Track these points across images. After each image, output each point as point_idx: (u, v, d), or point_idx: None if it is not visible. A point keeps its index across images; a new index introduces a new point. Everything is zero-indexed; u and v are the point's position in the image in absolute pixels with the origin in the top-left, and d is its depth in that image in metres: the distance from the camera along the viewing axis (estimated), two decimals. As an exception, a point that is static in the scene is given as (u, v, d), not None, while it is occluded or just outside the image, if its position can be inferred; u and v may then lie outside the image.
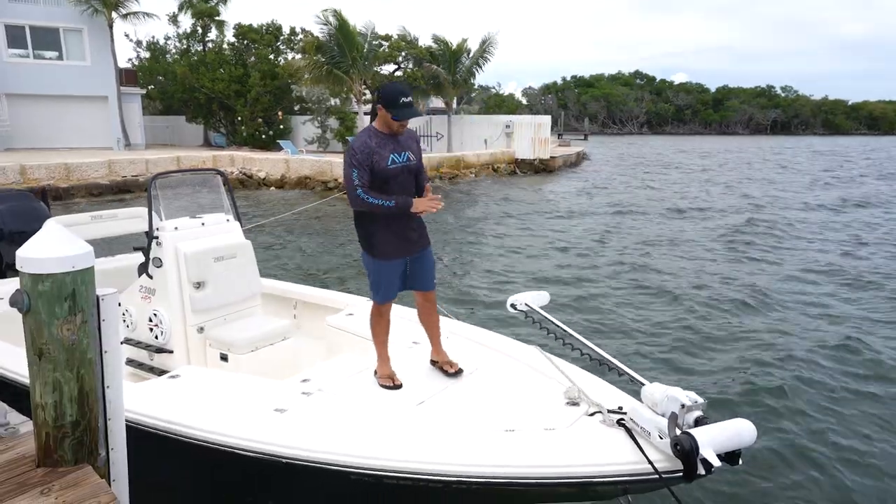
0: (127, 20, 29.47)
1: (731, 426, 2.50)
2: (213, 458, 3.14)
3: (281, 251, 11.96)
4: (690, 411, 2.56)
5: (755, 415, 4.92)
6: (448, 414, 3.25)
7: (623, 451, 2.68)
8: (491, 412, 3.21)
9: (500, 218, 16.25)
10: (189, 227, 4.59)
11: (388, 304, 3.73)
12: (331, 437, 2.99)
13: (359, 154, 3.36)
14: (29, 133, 26.68)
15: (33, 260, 2.32)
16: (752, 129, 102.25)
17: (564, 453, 2.72)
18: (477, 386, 3.59)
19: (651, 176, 29.04)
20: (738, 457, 2.51)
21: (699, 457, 2.39)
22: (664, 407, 2.62)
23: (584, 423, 3.01)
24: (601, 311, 8.15)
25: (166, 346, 4.48)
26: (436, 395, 3.48)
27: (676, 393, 2.61)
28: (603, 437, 2.82)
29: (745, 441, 2.48)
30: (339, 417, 3.21)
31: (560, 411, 3.15)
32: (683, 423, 2.54)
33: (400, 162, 3.47)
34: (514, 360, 3.86)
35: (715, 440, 2.42)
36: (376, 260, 3.59)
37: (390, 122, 3.43)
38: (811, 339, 6.97)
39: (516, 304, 3.81)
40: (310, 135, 32.86)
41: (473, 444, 2.84)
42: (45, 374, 2.40)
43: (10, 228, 5.66)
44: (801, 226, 15.42)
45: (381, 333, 3.74)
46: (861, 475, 4.37)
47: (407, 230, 3.57)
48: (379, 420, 3.16)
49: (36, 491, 2.34)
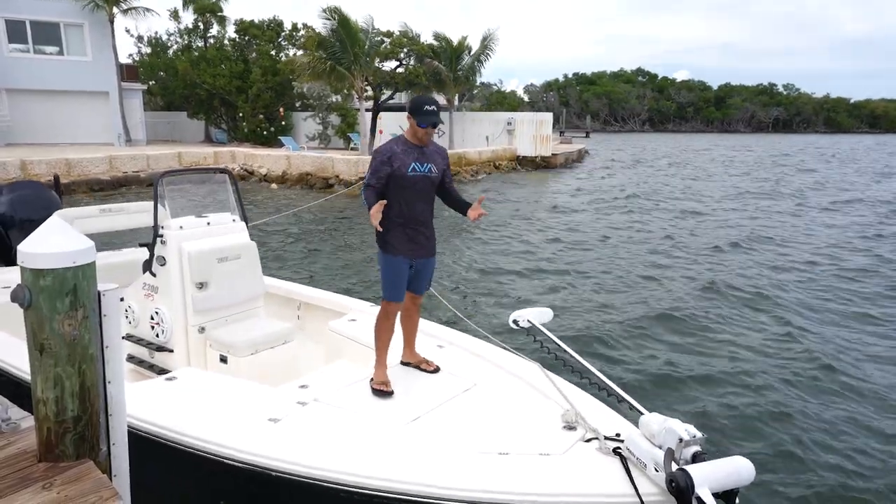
0: (128, 15, 29.48)
1: (729, 464, 2.43)
2: (204, 465, 3.14)
3: (281, 248, 11.96)
4: (688, 446, 2.49)
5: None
6: (443, 432, 3.21)
7: (617, 483, 2.64)
8: (486, 432, 3.18)
9: (502, 215, 16.24)
10: (194, 226, 4.58)
11: (396, 306, 3.82)
12: (323, 451, 2.97)
13: (378, 157, 3.65)
14: (29, 128, 26.67)
15: (35, 255, 2.32)
16: (753, 127, 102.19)
17: (557, 481, 2.68)
18: (474, 403, 3.55)
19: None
20: (735, 496, 2.43)
21: (694, 495, 2.32)
22: (661, 439, 2.57)
23: (580, 449, 2.97)
24: (600, 322, 7.99)
25: (167, 344, 4.47)
26: (431, 411, 3.45)
27: (675, 425, 2.54)
28: (598, 466, 2.78)
29: (742, 480, 2.42)
30: (332, 430, 3.19)
31: (556, 435, 3.11)
32: (680, 458, 2.48)
33: (421, 171, 3.70)
34: (513, 377, 3.83)
35: (711, 478, 2.35)
36: (387, 256, 3.75)
37: (417, 129, 3.67)
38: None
39: (518, 320, 3.79)
40: (311, 131, 32.85)
41: (466, 467, 2.81)
42: (47, 369, 2.40)
43: (20, 217, 5.68)
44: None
45: (384, 335, 3.81)
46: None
47: (417, 234, 3.76)
48: (372, 436, 3.14)
49: (38, 485, 2.34)
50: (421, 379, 3.85)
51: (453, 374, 3.89)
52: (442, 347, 4.29)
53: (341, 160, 21.50)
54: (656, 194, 21.47)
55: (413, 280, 3.85)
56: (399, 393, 3.65)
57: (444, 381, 3.80)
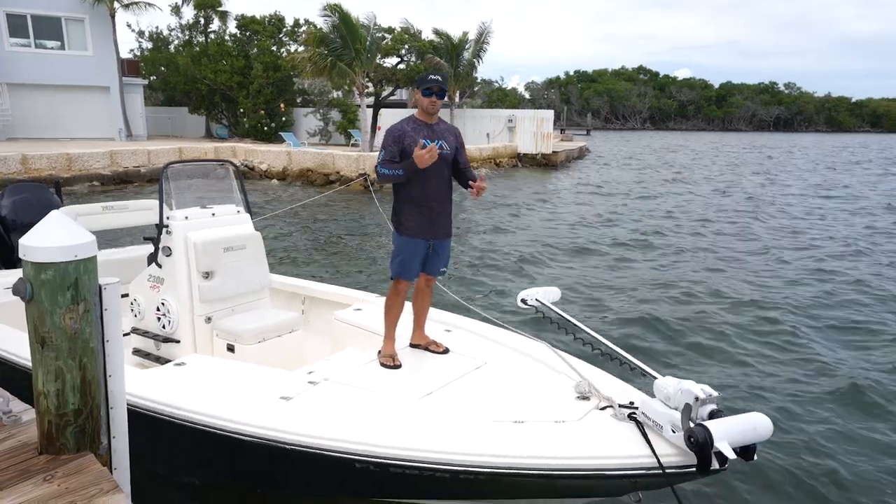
0: (129, 10, 29.42)
1: (747, 419, 2.45)
2: (217, 442, 3.15)
3: (283, 245, 11.96)
4: (705, 404, 2.51)
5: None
6: (456, 405, 3.24)
7: (634, 445, 2.66)
8: (500, 404, 3.20)
9: (505, 209, 16.25)
10: (199, 216, 4.60)
11: (406, 284, 3.86)
12: (336, 424, 2.99)
13: (390, 136, 3.68)
14: (30, 123, 26.63)
15: (36, 248, 2.33)
16: (754, 126, 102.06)
17: (574, 445, 2.70)
18: (486, 379, 3.59)
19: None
20: (753, 451, 2.46)
21: (714, 450, 2.34)
22: (677, 400, 2.59)
23: (595, 416, 3.00)
24: (611, 303, 8.12)
25: (173, 335, 4.49)
26: (444, 386, 3.48)
27: (690, 386, 2.57)
28: (614, 431, 2.81)
29: (761, 435, 2.44)
30: (345, 406, 3.21)
31: (570, 405, 3.14)
32: (697, 416, 2.50)
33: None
34: (523, 356, 3.86)
35: (730, 433, 2.37)
36: (401, 236, 3.80)
37: (422, 100, 3.67)
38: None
39: (527, 299, 3.81)
40: (312, 127, 32.82)
41: (482, 434, 2.83)
42: (48, 362, 2.41)
43: (22, 220, 5.68)
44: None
45: (394, 311, 3.87)
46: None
47: (432, 214, 3.76)
48: (385, 409, 3.16)
49: (39, 478, 2.35)
50: (431, 359, 3.89)
51: (463, 354, 3.92)
52: (450, 331, 4.32)
53: (342, 156, 21.49)
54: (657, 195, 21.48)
55: (428, 261, 3.86)
56: (410, 371, 3.68)
57: (455, 361, 3.83)
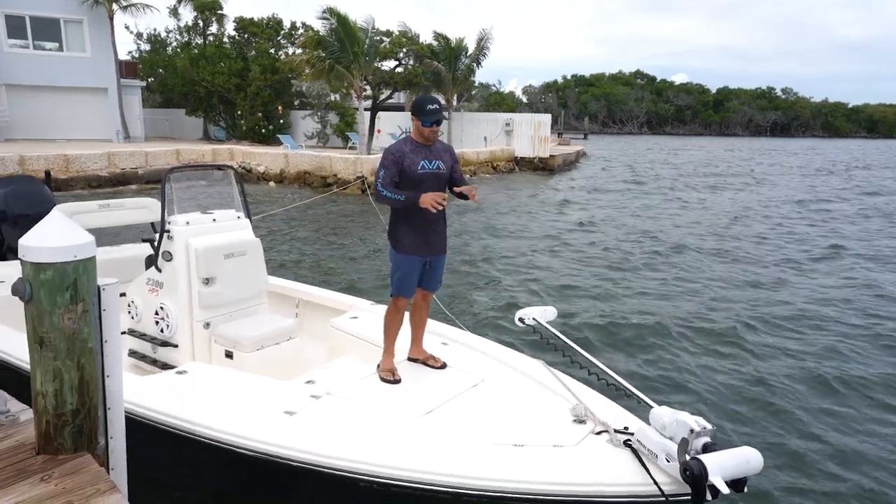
0: (127, 12, 29.42)
1: (740, 454, 2.54)
2: (221, 457, 3.17)
3: (278, 247, 11.96)
4: (699, 437, 2.59)
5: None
6: (457, 425, 3.27)
7: (631, 472, 2.73)
8: (499, 425, 3.23)
9: (502, 215, 16.27)
10: (200, 222, 4.61)
11: (405, 301, 3.94)
12: (340, 442, 3.01)
13: (390, 157, 3.75)
14: (28, 124, 26.59)
15: (35, 249, 2.34)
16: (751, 131, 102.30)
17: (574, 471, 2.76)
18: (483, 398, 3.61)
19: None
20: (743, 484, 2.55)
21: (707, 483, 2.43)
22: (672, 431, 2.67)
23: (592, 441, 3.04)
24: (606, 321, 7.96)
25: (171, 339, 4.49)
26: (443, 404, 3.50)
27: (685, 418, 2.65)
28: (611, 457, 2.86)
29: (752, 469, 2.53)
30: (348, 423, 3.24)
31: (567, 428, 3.17)
32: (692, 449, 2.58)
33: (430, 169, 3.80)
34: (519, 374, 3.88)
35: (724, 467, 2.46)
36: (398, 253, 3.87)
37: (421, 129, 3.78)
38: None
39: (524, 318, 3.87)
40: (309, 130, 32.82)
41: (483, 457, 2.87)
42: (46, 362, 2.42)
43: (13, 211, 5.69)
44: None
45: (393, 326, 3.95)
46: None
47: (429, 232, 3.85)
48: (388, 428, 3.19)
49: (36, 478, 2.36)
50: (430, 375, 3.91)
51: (461, 370, 3.94)
52: (446, 345, 4.34)
53: (339, 159, 21.51)
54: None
55: (425, 277, 3.96)
56: (409, 387, 3.70)
57: (453, 377, 3.85)
